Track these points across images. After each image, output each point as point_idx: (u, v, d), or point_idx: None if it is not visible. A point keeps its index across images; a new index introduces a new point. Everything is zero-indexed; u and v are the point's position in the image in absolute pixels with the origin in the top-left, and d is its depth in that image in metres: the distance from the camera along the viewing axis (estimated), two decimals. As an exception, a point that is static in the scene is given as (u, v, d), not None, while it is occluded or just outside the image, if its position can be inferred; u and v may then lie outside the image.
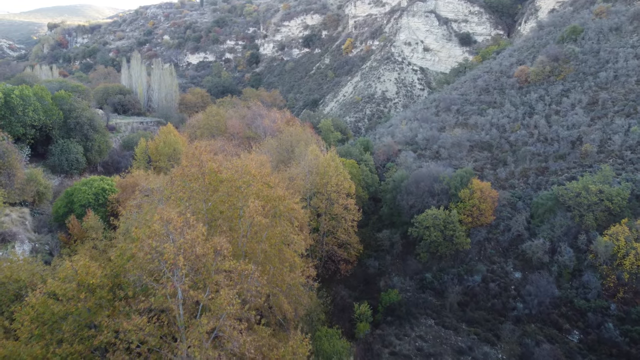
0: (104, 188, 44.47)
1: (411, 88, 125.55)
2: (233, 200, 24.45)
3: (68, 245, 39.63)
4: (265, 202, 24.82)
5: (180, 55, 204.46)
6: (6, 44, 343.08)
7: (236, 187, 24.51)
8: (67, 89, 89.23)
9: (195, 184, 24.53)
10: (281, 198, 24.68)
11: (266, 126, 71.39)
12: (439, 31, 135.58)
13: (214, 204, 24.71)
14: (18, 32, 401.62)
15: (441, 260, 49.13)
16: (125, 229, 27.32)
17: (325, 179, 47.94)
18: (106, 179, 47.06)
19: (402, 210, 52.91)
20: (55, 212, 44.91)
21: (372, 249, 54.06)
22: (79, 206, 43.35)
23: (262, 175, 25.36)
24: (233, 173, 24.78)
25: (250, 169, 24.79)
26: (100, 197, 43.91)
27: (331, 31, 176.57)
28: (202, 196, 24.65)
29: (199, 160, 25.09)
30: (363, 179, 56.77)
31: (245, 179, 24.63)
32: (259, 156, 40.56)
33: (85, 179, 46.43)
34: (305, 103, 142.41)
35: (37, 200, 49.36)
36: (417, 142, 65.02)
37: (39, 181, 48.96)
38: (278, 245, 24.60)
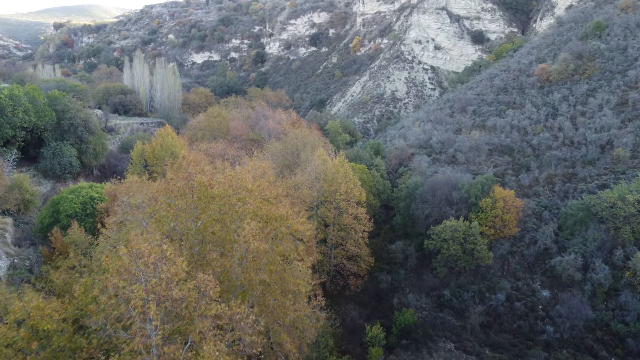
0: (93, 197, 40.81)
1: (422, 88, 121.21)
2: (226, 220, 20.48)
3: (50, 260, 36.04)
4: (265, 222, 20.85)
5: (185, 54, 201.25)
6: (13, 44, 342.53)
7: (230, 205, 20.58)
8: (65, 88, 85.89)
9: (182, 201, 20.60)
10: (283, 218, 20.72)
11: (271, 128, 67.53)
12: (451, 29, 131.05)
13: (204, 223, 20.76)
14: (25, 33, 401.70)
15: (460, 276, 44.97)
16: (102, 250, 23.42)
17: (334, 186, 44.08)
18: (96, 186, 43.40)
19: (417, 220, 48.77)
20: (39, 223, 41.35)
21: (384, 262, 49.99)
22: (65, 217, 39.77)
23: (260, 190, 21.39)
24: (226, 188, 20.85)
25: (246, 183, 20.84)
26: (88, 207, 40.24)
27: (339, 29, 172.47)
28: (191, 215, 20.74)
29: (186, 173, 21.15)
30: (374, 186, 52.73)
31: (241, 195, 20.69)
32: (261, 163, 36.66)
33: (73, 186, 42.81)
34: (312, 103, 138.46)
35: (23, 208, 45.80)
36: (432, 145, 60.86)
37: (24, 188, 45.38)
38: (280, 274, 20.53)
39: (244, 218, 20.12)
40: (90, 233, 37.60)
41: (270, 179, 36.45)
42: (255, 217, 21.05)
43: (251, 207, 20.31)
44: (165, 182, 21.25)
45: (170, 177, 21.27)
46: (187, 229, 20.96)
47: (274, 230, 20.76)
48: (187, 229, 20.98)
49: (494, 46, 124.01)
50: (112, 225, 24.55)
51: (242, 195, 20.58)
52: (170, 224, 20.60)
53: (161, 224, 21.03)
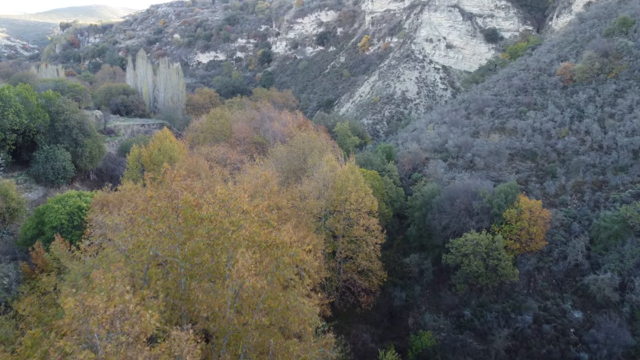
0: (81, 206, 37.30)
1: (433, 88, 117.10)
2: (217, 248, 16.81)
3: (31, 278, 32.67)
4: (263, 251, 17.12)
5: (191, 54, 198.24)
6: (20, 44, 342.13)
7: (221, 229, 16.92)
8: (63, 88, 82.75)
9: (164, 224, 16.96)
10: (286, 245, 16.97)
11: (276, 130, 63.91)
12: (463, 27, 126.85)
13: (190, 250, 17.14)
14: (33, 33, 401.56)
15: (481, 294, 41.10)
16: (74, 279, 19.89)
17: (343, 194, 40.49)
18: (84, 194, 39.92)
19: (434, 231, 44.94)
20: (22, 235, 37.97)
21: (397, 276, 46.21)
22: (49, 228, 36.32)
23: (258, 211, 17.67)
24: (217, 209, 17.17)
25: (241, 202, 17.13)
26: (75, 218, 36.74)
27: (347, 28, 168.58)
28: (175, 240, 17.14)
29: (169, 190, 17.49)
30: (386, 193, 48.93)
31: (234, 217, 17.04)
32: (264, 171, 33.03)
33: (59, 194, 39.37)
34: (319, 104, 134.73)
35: (8, 217, 42.47)
36: (448, 149, 56.97)
37: (9, 195, 42.04)
38: (281, 312, 16.79)
39: (237, 246, 16.48)
40: (77, 247, 34.22)
41: (274, 189, 32.87)
42: (251, 243, 17.36)
43: (246, 232, 16.60)
44: (144, 200, 17.61)
45: (150, 195, 17.62)
46: (171, 256, 17.35)
47: (274, 259, 17.02)
48: (171, 255, 17.37)
49: (508, 44, 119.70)
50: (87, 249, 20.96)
51: (235, 217, 16.90)
52: (150, 251, 16.90)
53: (140, 251, 17.37)
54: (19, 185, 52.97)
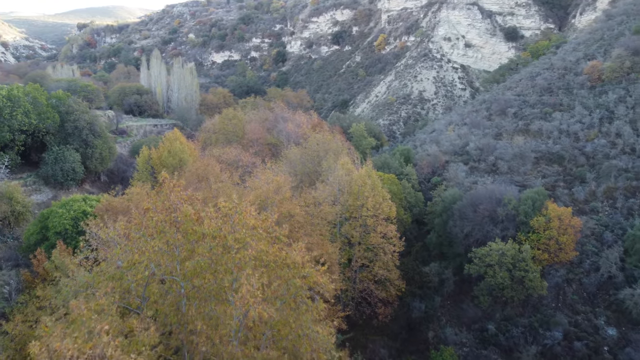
0: (86, 211, 35.76)
1: (451, 88, 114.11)
2: (219, 269, 14.84)
3: (32, 286, 31.16)
4: (272, 272, 15.10)
5: (205, 54, 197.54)
6: (38, 45, 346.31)
7: (224, 247, 14.93)
8: (76, 88, 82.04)
9: (161, 241, 15.05)
10: (298, 265, 14.94)
11: (290, 131, 61.95)
12: (482, 25, 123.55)
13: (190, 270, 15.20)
14: (51, 33, 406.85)
15: (506, 307, 38.60)
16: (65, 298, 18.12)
17: (360, 200, 38.36)
18: (90, 198, 38.44)
19: (455, 239, 42.56)
20: (26, 240, 36.60)
21: (416, 285, 43.94)
22: (53, 234, 34.90)
23: (267, 225, 15.66)
24: (221, 224, 15.17)
25: (247, 217, 15.13)
26: (80, 223, 35.12)
27: (362, 27, 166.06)
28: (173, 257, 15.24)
29: (167, 202, 15.58)
30: (405, 198, 46.65)
31: (240, 234, 15.05)
32: (276, 176, 31.07)
33: (64, 198, 37.92)
34: (334, 104, 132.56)
35: (13, 221, 41.22)
36: (469, 152, 54.43)
37: (14, 198, 40.79)
38: (292, 341, 14.74)
39: (243, 266, 14.46)
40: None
41: (286, 195, 30.90)
42: (258, 263, 15.35)
43: (253, 251, 14.58)
44: (138, 214, 15.73)
45: (147, 207, 15.72)
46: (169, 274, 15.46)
47: (285, 282, 14.99)
48: (169, 274, 15.47)
49: (529, 43, 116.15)
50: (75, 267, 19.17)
51: (241, 234, 14.90)
52: (146, 270, 15.00)
53: (136, 269, 15.51)
54: (27, 187, 51.98)
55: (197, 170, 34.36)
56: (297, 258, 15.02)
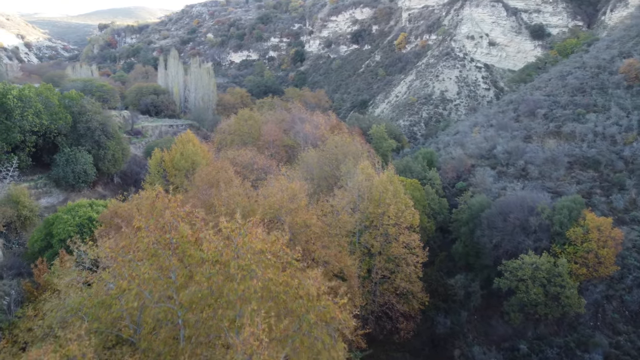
0: (92, 217, 33.96)
1: (475, 88, 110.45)
2: (219, 302, 12.54)
3: (34, 298, 29.44)
4: (281, 305, 12.70)
5: (223, 53, 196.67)
6: (61, 45, 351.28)
7: (226, 275, 12.60)
8: (92, 88, 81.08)
9: (152, 266, 12.82)
10: (312, 298, 12.52)
11: (307, 133, 59.65)
12: (507, 23, 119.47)
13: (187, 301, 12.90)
14: (74, 34, 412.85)
15: (539, 324, 35.72)
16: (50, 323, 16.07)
17: (381, 207, 35.92)
18: (97, 203, 36.66)
19: (483, 249, 39.74)
20: (30, 247, 34.97)
21: (440, 298, 41.31)
22: (57, 241, 33.12)
23: (277, 249, 13.32)
24: (222, 247, 12.88)
25: (253, 240, 12.80)
26: (86, 230, 33.41)
27: (382, 25, 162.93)
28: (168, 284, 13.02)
29: (162, 220, 13.34)
30: (428, 205, 43.96)
31: (244, 260, 12.69)
32: (291, 184, 28.75)
33: (71, 204, 36.22)
34: (353, 104, 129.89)
35: (19, 226, 39.75)
36: (496, 155, 51.40)
37: (21, 202, 39.30)
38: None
39: (247, 299, 12.11)
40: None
41: (302, 203, 28.55)
42: (266, 293, 12.98)
43: (259, 282, 12.23)
44: (126, 234, 13.53)
45: (139, 226, 13.51)
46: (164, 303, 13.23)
47: (296, 317, 12.61)
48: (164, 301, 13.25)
49: (556, 41, 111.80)
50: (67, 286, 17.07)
51: (245, 260, 12.57)
52: (135, 301, 12.79)
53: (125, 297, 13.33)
54: (38, 189, 50.70)
55: (208, 175, 32.30)
56: (311, 289, 12.64)
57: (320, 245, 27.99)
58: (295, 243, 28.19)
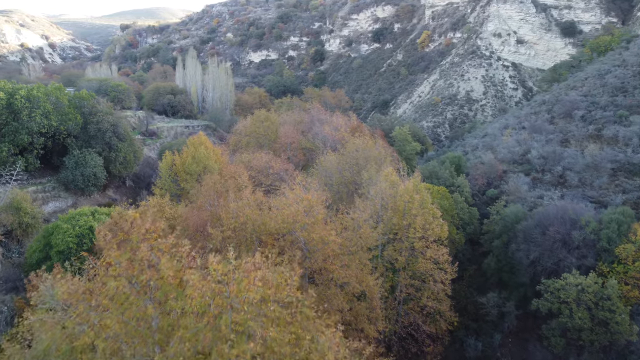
0: (93, 227, 31.42)
1: (502, 87, 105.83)
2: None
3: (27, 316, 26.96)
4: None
5: (243, 53, 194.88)
6: (84, 45, 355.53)
7: (216, 332, 9.52)
8: (107, 88, 79.52)
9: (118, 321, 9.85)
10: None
11: (326, 135, 56.53)
12: (536, 20, 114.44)
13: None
14: (97, 35, 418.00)
15: (583, 351, 31.93)
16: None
17: (406, 219, 32.71)
18: (100, 211, 34.21)
19: (518, 265, 36.11)
20: (28, 258, 32.63)
21: (470, 318, 37.84)
22: (55, 253, 30.73)
23: (283, 297, 10.18)
24: (209, 298, 9.84)
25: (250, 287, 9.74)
26: (86, 241, 30.94)
27: (405, 24, 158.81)
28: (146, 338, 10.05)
29: (139, 255, 10.35)
30: (457, 215, 40.43)
31: (239, 315, 9.61)
32: (306, 195, 25.66)
33: (72, 211, 33.79)
34: (374, 104, 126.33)
35: (21, 234, 37.58)
36: (530, 160, 47.55)
37: (23, 209, 37.10)
38: None
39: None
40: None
41: (319, 217, 25.46)
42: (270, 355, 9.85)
43: (258, 346, 9.14)
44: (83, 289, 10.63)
45: (108, 262, 10.58)
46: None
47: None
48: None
49: (588, 39, 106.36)
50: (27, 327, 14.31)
51: (241, 315, 9.50)
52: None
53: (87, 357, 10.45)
54: (45, 193, 48.74)
55: (215, 184, 29.51)
56: (328, 355, 9.47)
57: (340, 264, 24.86)
58: (312, 262, 25.19)
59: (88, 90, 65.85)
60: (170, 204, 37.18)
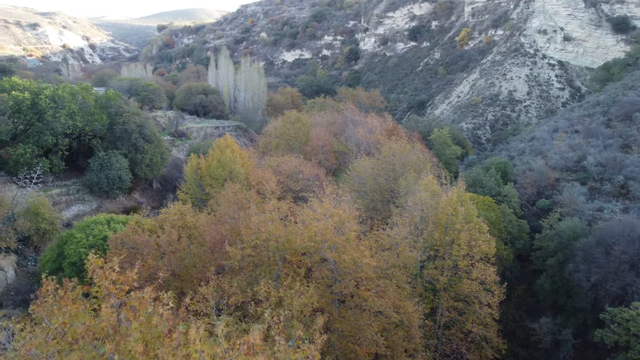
0: (107, 237, 29.18)
1: (547, 87, 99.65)
2: None
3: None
4: None
5: (276, 52, 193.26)
6: (123, 46, 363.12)
7: None
8: (137, 88, 78.53)
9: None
10: None
11: (360, 137, 53.33)
12: (585, 15, 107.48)
13: None
14: (136, 35, 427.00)
15: (656, 392, 27.51)
16: None
17: (449, 234, 29.19)
18: (116, 219, 31.99)
19: (577, 288, 31.92)
20: (42, 268, 30.72)
21: (518, 343, 33.93)
22: (68, 264, 28.65)
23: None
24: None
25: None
26: (99, 252, 28.59)
27: (442, 21, 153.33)
28: None
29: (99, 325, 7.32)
30: (505, 228, 36.40)
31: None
32: (337, 209, 22.47)
33: (88, 219, 31.68)
34: (410, 105, 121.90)
35: (38, 241, 35.90)
36: (586, 168, 42.90)
37: (41, 214, 35.39)
38: None
39: None
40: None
41: (352, 235, 22.26)
42: None
43: None
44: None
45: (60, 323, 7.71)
46: None
47: None
48: None
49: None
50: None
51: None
52: None
53: None
54: (70, 196, 47.37)
55: (236, 194, 26.71)
56: None
57: (374, 290, 21.59)
58: (342, 286, 22.03)
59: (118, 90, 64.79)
60: (193, 211, 34.90)
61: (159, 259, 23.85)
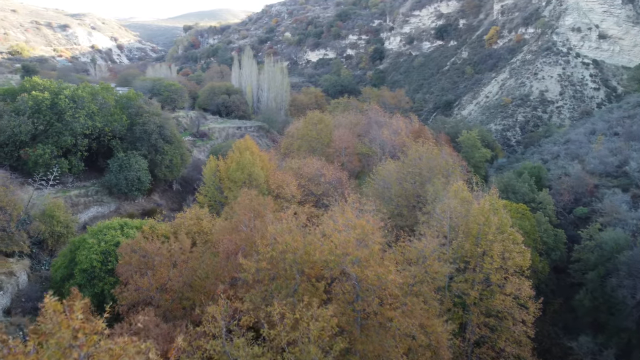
0: (119, 243, 28.02)
1: (581, 87, 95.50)
2: None
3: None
4: None
5: (300, 52, 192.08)
6: (149, 47, 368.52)
7: None
8: (160, 87, 78.18)
9: None
10: None
11: (385, 139, 51.32)
12: (622, 12, 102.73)
13: None
14: (163, 36, 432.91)
15: None
16: None
17: (481, 245, 27.15)
18: (130, 224, 30.90)
19: (620, 305, 29.33)
20: (54, 274, 29.79)
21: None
22: (79, 271, 27.59)
23: None
24: None
25: None
26: (111, 259, 27.57)
27: (470, 19, 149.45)
28: None
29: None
30: (540, 238, 33.95)
31: None
32: (360, 220, 20.67)
33: (100, 224, 30.61)
34: (436, 105, 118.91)
35: (53, 245, 35.12)
36: (629, 173, 40.03)
37: (56, 217, 34.60)
38: None
39: None
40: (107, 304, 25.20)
41: (376, 248, 20.43)
42: None
43: None
44: None
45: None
46: None
47: None
48: None
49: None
50: None
51: None
52: None
53: None
54: (88, 197, 46.78)
55: (252, 201, 25.17)
56: None
57: (400, 310, 19.72)
58: (365, 304, 20.25)
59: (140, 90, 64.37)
60: (210, 216, 33.63)
61: (170, 269, 22.63)
